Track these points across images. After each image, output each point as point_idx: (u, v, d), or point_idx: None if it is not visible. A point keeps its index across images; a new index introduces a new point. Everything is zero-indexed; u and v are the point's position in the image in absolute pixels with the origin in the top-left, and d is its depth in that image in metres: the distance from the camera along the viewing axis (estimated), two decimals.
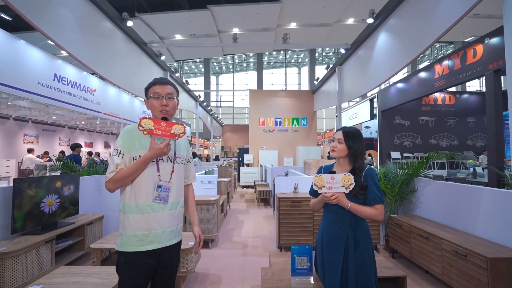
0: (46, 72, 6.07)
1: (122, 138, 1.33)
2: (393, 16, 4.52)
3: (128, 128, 1.37)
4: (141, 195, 1.29)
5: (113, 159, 1.29)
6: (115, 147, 1.32)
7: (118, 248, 1.30)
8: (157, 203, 1.31)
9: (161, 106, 1.35)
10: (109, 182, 1.27)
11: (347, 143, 1.53)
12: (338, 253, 1.45)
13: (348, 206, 1.43)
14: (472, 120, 9.17)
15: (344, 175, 1.42)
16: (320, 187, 1.44)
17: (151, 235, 1.29)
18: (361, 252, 1.44)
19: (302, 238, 3.40)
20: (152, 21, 14.11)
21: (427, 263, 2.65)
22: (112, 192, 1.31)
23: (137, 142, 1.33)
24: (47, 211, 2.80)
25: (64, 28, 3.65)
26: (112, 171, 1.27)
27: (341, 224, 1.49)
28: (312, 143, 10.49)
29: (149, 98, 1.39)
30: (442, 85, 6.53)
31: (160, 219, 1.32)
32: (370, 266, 1.45)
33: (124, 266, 1.27)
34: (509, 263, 1.98)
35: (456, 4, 3.09)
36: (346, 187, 1.41)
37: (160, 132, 1.24)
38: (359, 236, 1.46)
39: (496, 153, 5.19)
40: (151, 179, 1.31)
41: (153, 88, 1.38)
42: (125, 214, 1.30)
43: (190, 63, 23.34)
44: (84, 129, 12.84)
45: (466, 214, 2.66)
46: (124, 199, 1.31)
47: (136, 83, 5.69)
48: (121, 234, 1.30)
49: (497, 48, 5.34)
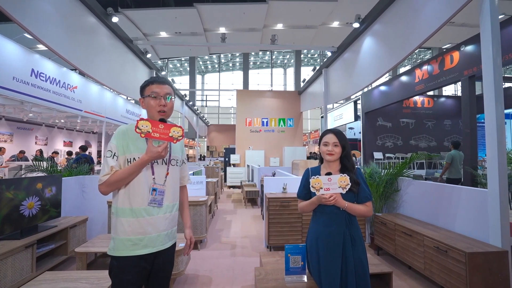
0: (23, 67, 5.75)
1: (116, 139, 1.29)
2: (378, 21, 4.68)
3: (122, 129, 1.32)
4: (136, 199, 1.26)
5: (107, 161, 1.25)
6: (109, 149, 1.28)
7: (110, 252, 1.26)
8: (152, 207, 1.28)
9: (159, 106, 1.31)
10: (103, 185, 1.24)
11: (342, 144, 1.57)
12: (337, 252, 1.49)
13: (345, 206, 1.48)
14: (448, 122, 9.65)
15: (341, 176, 1.45)
16: (317, 189, 1.46)
17: (145, 239, 1.26)
18: (357, 249, 1.51)
19: (291, 237, 3.45)
20: (136, 17, 13.74)
21: (411, 259, 2.77)
22: (105, 195, 1.29)
23: (132, 144, 1.29)
24: (27, 214, 2.67)
25: (44, 21, 3.48)
26: (107, 174, 1.23)
27: (337, 223, 1.53)
28: (298, 144, 10.63)
29: (146, 97, 1.34)
30: (422, 89, 6.83)
31: (155, 223, 1.29)
32: (365, 262, 1.52)
33: (117, 270, 1.24)
34: (485, 257, 2.12)
35: (437, 12, 3.25)
36: (343, 188, 1.44)
37: (158, 135, 1.21)
38: (354, 233, 1.53)
39: (470, 153, 5.51)
40: (145, 182, 1.28)
41: (151, 87, 1.34)
42: (118, 218, 1.26)
43: (175, 62, 22.94)
44: (63, 128, 12.27)
45: (446, 212, 2.82)
46: (117, 202, 1.27)
47: (121, 81, 5.52)
48: (114, 238, 1.27)
49: (471, 56, 5.66)
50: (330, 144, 1.58)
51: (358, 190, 1.53)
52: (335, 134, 1.59)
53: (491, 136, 2.27)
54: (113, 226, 1.27)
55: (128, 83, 5.86)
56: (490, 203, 2.27)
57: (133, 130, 1.27)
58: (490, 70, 2.31)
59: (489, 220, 2.28)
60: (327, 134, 1.62)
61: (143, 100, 1.37)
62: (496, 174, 2.21)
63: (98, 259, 2.83)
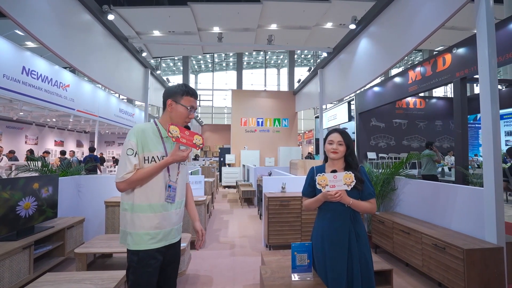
0: (14, 65, 5.61)
1: (136, 137, 1.32)
2: (374, 23, 4.75)
3: (141, 127, 1.37)
4: (154, 195, 1.33)
5: (129, 159, 1.28)
6: (129, 147, 1.30)
7: (130, 247, 1.31)
8: (167, 203, 1.36)
9: (188, 118, 1.42)
10: (124, 183, 1.27)
11: (346, 142, 1.62)
12: (343, 247, 1.54)
13: (350, 203, 1.52)
14: (439, 123, 9.89)
15: (346, 173, 1.49)
16: (323, 186, 1.50)
17: (161, 233, 1.34)
18: (361, 244, 1.55)
19: (291, 237, 3.47)
20: (128, 16, 13.55)
21: (409, 256, 2.84)
22: (122, 192, 1.33)
23: (151, 143, 1.35)
24: (24, 215, 2.61)
25: (38, 18, 3.39)
26: (130, 172, 1.27)
27: (342, 220, 1.57)
28: (293, 144, 10.69)
29: (179, 105, 1.40)
30: (415, 90, 6.97)
31: (169, 218, 1.37)
32: (369, 258, 1.57)
33: (137, 265, 1.29)
34: (482, 253, 2.19)
35: (433, 14, 3.33)
36: (348, 185, 1.48)
37: (185, 141, 1.31)
38: (358, 229, 1.57)
39: (462, 153, 5.66)
40: (162, 180, 1.36)
41: (190, 99, 1.41)
42: (135, 213, 1.31)
43: (168, 61, 22.72)
44: (54, 127, 11.99)
45: (443, 210, 2.89)
46: (133, 199, 1.32)
47: (115, 79, 5.43)
48: (130, 233, 1.31)
49: (463, 58, 5.82)
50: (335, 142, 1.62)
51: (362, 187, 1.58)
52: (340, 133, 1.64)
53: (487, 135, 2.34)
54: (128, 222, 1.32)
55: (123, 82, 5.78)
56: (486, 201, 2.34)
57: (150, 130, 1.37)
58: (486, 71, 2.38)
59: (485, 218, 2.35)
60: (332, 133, 1.67)
61: (173, 103, 1.40)
62: (492, 173, 2.28)
63: (97, 260, 2.78)
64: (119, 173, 1.27)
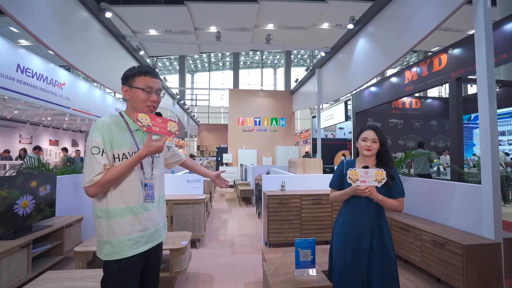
0: (8, 62, 5.52)
1: (101, 133, 1.15)
2: (372, 23, 4.79)
3: (105, 121, 1.20)
4: (132, 196, 1.19)
5: (96, 159, 1.11)
6: (95, 145, 1.13)
7: (109, 257, 1.15)
8: (147, 202, 1.23)
9: (150, 101, 1.23)
10: (94, 186, 1.10)
11: (381, 140, 1.63)
12: (365, 241, 1.58)
13: (379, 199, 1.54)
14: (434, 123, 10.01)
15: (378, 170, 1.51)
16: (354, 180, 1.52)
17: (146, 235, 1.22)
18: (383, 239, 1.59)
19: (291, 235, 3.48)
20: (124, 14, 13.45)
21: (407, 253, 2.87)
22: (94, 197, 1.15)
23: (118, 138, 1.19)
24: (21, 214, 2.57)
25: (36, 14, 3.34)
26: (99, 173, 1.10)
27: (368, 214, 1.61)
28: (291, 143, 10.72)
29: (134, 88, 1.22)
30: (411, 90, 7.05)
31: (152, 217, 1.25)
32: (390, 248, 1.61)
33: (118, 274, 1.16)
34: (480, 249, 2.22)
35: (431, 15, 3.37)
36: (379, 181, 1.50)
37: (158, 129, 1.16)
38: (383, 224, 1.61)
39: (457, 152, 5.74)
40: (138, 178, 1.21)
41: (143, 78, 1.22)
42: (112, 220, 1.16)
43: (165, 60, 22.59)
44: (49, 126, 11.82)
45: (440, 208, 2.93)
46: (107, 204, 1.16)
47: (113, 78, 5.38)
48: (109, 242, 1.15)
49: (459, 58, 5.90)
50: (369, 140, 1.62)
51: (392, 185, 1.60)
52: (374, 130, 1.65)
53: (485, 133, 2.38)
54: (105, 230, 1.16)
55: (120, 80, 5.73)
56: (483, 198, 2.38)
57: (115, 123, 1.21)
58: (484, 70, 2.42)
59: (483, 214, 2.39)
60: (366, 130, 1.67)
61: (128, 89, 1.24)
62: (490, 170, 2.32)
63: (97, 259, 2.75)
64: (87, 176, 1.10)
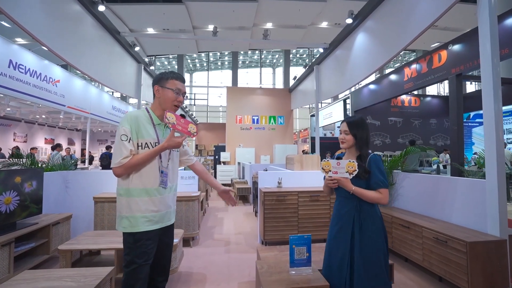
0: (0, 58, 5.40)
1: (129, 123, 1.37)
2: (371, 17, 4.69)
3: (134, 113, 1.43)
4: (150, 180, 1.40)
5: (124, 145, 1.34)
6: (123, 133, 1.35)
7: (127, 230, 1.37)
8: (161, 187, 1.44)
9: (177, 101, 1.47)
10: (121, 168, 1.33)
11: (352, 132, 1.59)
12: (347, 234, 1.55)
13: (352, 190, 1.50)
14: (434, 121, 9.92)
15: (349, 162, 1.49)
16: (326, 171, 1.52)
17: (157, 216, 1.42)
18: (366, 232, 1.52)
19: (288, 232, 3.36)
20: (122, 12, 13.34)
21: (408, 251, 2.76)
22: (120, 177, 1.40)
23: (144, 129, 1.40)
24: (4, 210, 2.45)
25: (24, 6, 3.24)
26: (126, 157, 1.33)
27: (349, 206, 1.58)
28: (289, 141, 10.61)
29: (165, 89, 1.45)
30: (411, 87, 6.95)
31: (164, 201, 1.46)
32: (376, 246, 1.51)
33: (133, 245, 1.36)
34: (485, 246, 2.12)
35: (430, 8, 3.28)
36: (350, 173, 1.48)
37: (181, 128, 1.37)
38: (363, 218, 1.54)
39: (457, 150, 5.65)
40: (156, 166, 1.43)
41: (175, 82, 1.46)
42: (131, 198, 1.38)
43: (163, 59, 22.45)
44: (44, 124, 11.68)
45: (442, 204, 2.82)
46: (129, 183, 1.39)
47: (108, 74, 5.27)
48: (127, 217, 1.38)
49: (459, 54, 5.80)
50: (342, 132, 1.65)
51: (367, 177, 1.54)
52: (347, 122, 1.64)
53: (490, 127, 2.28)
54: (124, 206, 1.39)
55: (116, 77, 5.62)
56: (488, 193, 2.28)
57: (142, 116, 1.43)
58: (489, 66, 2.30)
59: (487, 210, 2.29)
60: (341, 123, 1.70)
61: (160, 88, 1.46)
62: (495, 164, 2.22)
63: (84, 258, 2.64)
64: (116, 159, 1.32)
